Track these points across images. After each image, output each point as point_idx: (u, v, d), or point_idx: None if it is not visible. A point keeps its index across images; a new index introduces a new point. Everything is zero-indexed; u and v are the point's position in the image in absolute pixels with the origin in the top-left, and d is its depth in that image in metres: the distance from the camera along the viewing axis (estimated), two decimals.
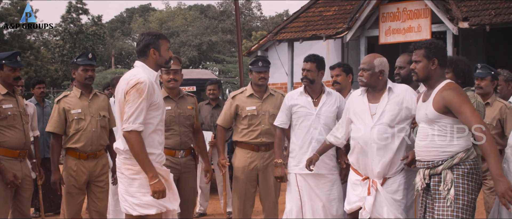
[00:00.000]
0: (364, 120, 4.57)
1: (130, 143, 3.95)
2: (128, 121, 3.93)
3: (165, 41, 4.20)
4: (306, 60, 5.25)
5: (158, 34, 4.18)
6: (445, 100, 3.89)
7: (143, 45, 4.14)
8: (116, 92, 4.17)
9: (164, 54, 4.19)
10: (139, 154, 3.94)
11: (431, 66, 4.05)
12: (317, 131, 5.18)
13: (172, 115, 5.39)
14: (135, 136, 3.93)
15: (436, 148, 3.98)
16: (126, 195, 4.11)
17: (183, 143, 5.44)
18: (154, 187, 3.93)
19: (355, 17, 12.73)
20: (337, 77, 5.58)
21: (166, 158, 5.21)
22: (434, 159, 4.01)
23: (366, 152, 4.54)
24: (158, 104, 4.11)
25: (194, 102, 5.67)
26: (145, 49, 4.14)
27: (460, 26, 11.45)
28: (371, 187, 4.53)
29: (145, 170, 3.96)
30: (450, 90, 3.91)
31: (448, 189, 3.91)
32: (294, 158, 5.28)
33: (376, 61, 4.57)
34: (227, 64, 26.64)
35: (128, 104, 3.96)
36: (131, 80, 3.98)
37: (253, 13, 46.61)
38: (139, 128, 3.94)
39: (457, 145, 3.93)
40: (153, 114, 4.09)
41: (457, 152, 3.93)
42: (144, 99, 3.95)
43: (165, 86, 5.45)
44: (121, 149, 4.10)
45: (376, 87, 4.61)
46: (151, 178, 3.94)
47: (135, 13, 51.17)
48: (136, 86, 3.94)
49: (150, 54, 4.14)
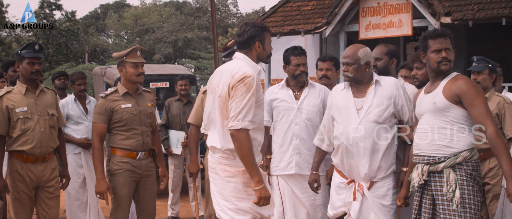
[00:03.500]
0: (349, 116, 4.12)
1: (239, 142, 3.59)
2: (237, 118, 3.58)
3: (269, 34, 3.92)
4: (299, 54, 4.82)
5: (263, 26, 3.88)
6: (460, 89, 3.59)
7: (248, 37, 3.83)
8: (210, 86, 3.87)
9: (267, 48, 3.91)
10: (246, 154, 3.59)
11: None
12: (298, 127, 4.75)
13: (133, 113, 4.92)
14: (245, 135, 3.58)
15: (439, 143, 3.64)
16: (219, 197, 3.82)
17: (145, 144, 4.98)
18: (260, 192, 3.62)
19: (335, 12, 12.41)
20: (328, 71, 5.15)
21: (126, 161, 4.81)
22: (436, 154, 3.65)
23: (352, 152, 4.09)
24: (261, 101, 3.82)
25: (152, 99, 5.20)
26: (250, 41, 3.83)
27: (443, 21, 11.20)
28: (357, 191, 4.08)
29: (251, 173, 3.63)
30: (464, 80, 3.64)
31: (453, 190, 3.57)
32: (275, 158, 4.83)
33: (360, 53, 4.12)
34: (202, 61, 26.34)
35: (235, 99, 3.62)
36: (237, 74, 3.66)
37: (229, 10, 46.38)
38: (249, 126, 3.61)
39: (461, 142, 3.60)
40: (256, 112, 3.73)
41: (461, 150, 3.60)
42: (253, 94, 3.63)
43: (128, 81, 4.96)
44: (218, 147, 3.77)
45: (362, 81, 4.17)
46: (257, 183, 3.62)
47: (110, 9, 50.42)
48: (244, 80, 3.63)
49: (255, 47, 3.84)
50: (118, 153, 4.87)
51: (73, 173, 6.26)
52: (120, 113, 4.85)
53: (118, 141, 4.88)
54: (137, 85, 5.04)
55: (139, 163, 4.92)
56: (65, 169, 5.15)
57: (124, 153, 4.86)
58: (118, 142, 4.88)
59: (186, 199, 8.33)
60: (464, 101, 3.59)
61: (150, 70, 10.08)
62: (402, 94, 4.11)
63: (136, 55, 4.92)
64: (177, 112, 7.58)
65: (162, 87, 11.01)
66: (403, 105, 4.10)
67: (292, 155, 4.75)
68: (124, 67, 4.91)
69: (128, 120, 4.84)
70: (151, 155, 5.09)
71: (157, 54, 38.42)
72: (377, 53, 4.62)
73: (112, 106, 4.85)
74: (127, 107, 4.87)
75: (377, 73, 4.36)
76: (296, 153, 4.76)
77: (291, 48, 4.86)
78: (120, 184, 4.85)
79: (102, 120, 4.85)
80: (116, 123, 4.86)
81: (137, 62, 4.89)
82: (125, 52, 4.90)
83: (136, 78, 4.91)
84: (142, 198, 4.98)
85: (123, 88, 4.95)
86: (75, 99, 6.55)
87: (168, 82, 10.18)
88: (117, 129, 4.88)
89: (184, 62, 29.30)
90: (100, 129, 4.85)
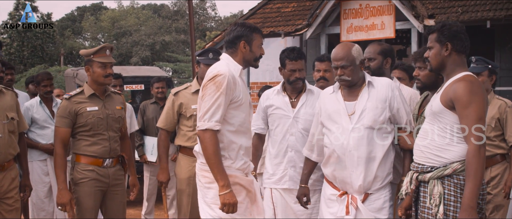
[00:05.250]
0: (340, 122, 3.74)
1: (203, 144, 3.47)
2: (203, 118, 3.47)
3: (259, 36, 3.71)
4: (295, 58, 4.36)
5: (253, 27, 3.70)
6: (454, 94, 3.17)
7: (233, 36, 3.67)
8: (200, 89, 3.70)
9: (255, 50, 3.70)
10: (210, 157, 3.45)
11: (444, 52, 3.32)
12: (294, 138, 4.35)
13: (100, 117, 4.52)
14: (210, 136, 3.44)
15: (430, 150, 3.27)
16: (203, 204, 3.67)
17: (113, 150, 4.57)
18: (224, 198, 3.42)
19: (316, 14, 12.16)
20: (326, 72, 4.68)
21: (92, 169, 4.41)
22: (425, 162, 3.29)
23: (344, 161, 3.70)
24: (240, 102, 3.60)
25: (122, 102, 4.79)
26: (235, 40, 3.66)
27: (426, 23, 10.99)
28: (350, 204, 3.69)
29: (216, 177, 3.46)
30: (463, 84, 3.18)
31: (436, 205, 3.19)
32: (268, 169, 4.44)
33: (354, 52, 3.76)
34: (179, 64, 26.02)
35: (204, 99, 3.51)
36: (210, 73, 3.56)
37: (207, 13, 46.02)
38: (215, 127, 3.45)
39: (454, 152, 3.20)
40: (233, 113, 3.56)
41: (452, 161, 3.20)
42: (222, 93, 3.46)
43: (94, 82, 4.56)
44: (199, 152, 3.62)
45: (356, 84, 3.80)
46: (221, 187, 3.44)
47: (87, 12, 49.79)
48: (214, 79, 3.49)
49: (240, 47, 3.66)
50: (83, 160, 4.47)
51: (38, 181, 5.87)
52: (85, 116, 4.46)
53: (82, 147, 4.48)
54: (106, 86, 4.64)
55: (106, 171, 4.52)
56: (26, 178, 4.69)
57: (89, 160, 4.47)
58: (82, 148, 4.48)
59: (162, 207, 7.93)
60: (456, 108, 3.19)
61: (125, 72, 9.73)
62: (398, 96, 3.75)
63: (105, 54, 4.52)
64: (153, 116, 7.24)
65: (138, 90, 10.65)
66: (400, 109, 3.74)
67: (286, 168, 4.37)
68: (91, 67, 4.52)
69: (94, 124, 4.45)
70: (120, 163, 4.69)
71: (134, 57, 38.05)
72: (370, 52, 4.26)
73: (77, 109, 4.45)
74: (93, 111, 4.48)
75: (370, 74, 4.00)
76: (290, 166, 4.37)
77: (288, 51, 4.43)
78: (84, 195, 4.44)
79: (65, 123, 4.43)
80: (81, 127, 4.46)
81: (106, 62, 4.50)
82: (93, 50, 4.50)
83: (104, 79, 4.52)
84: (110, 210, 4.58)
85: (90, 90, 4.55)
86: (40, 101, 6.10)
87: (144, 85, 9.83)
88: (81, 134, 4.48)
89: (162, 65, 28.92)
90: (63, 134, 4.43)
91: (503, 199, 4.66)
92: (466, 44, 3.36)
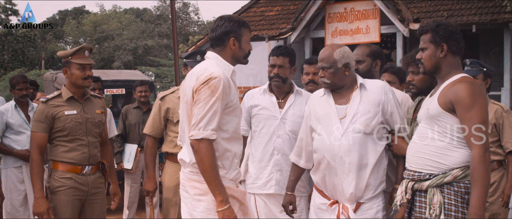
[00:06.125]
0: (331, 127, 3.55)
1: (199, 155, 3.13)
2: (198, 126, 3.12)
3: (247, 31, 3.40)
4: (277, 54, 4.19)
5: (241, 21, 3.37)
6: (454, 96, 3.01)
7: (221, 32, 3.32)
8: (182, 92, 3.38)
9: (245, 46, 3.39)
10: (208, 169, 3.12)
11: (439, 53, 3.16)
12: (281, 140, 4.14)
13: (79, 121, 4.30)
14: (206, 146, 3.11)
15: (427, 156, 3.09)
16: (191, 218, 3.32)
17: (92, 157, 4.35)
18: (223, 214, 3.12)
19: (300, 17, 12.06)
20: (315, 75, 4.44)
21: (70, 177, 4.20)
22: (422, 169, 3.11)
23: (335, 168, 3.51)
24: (234, 106, 3.30)
25: (103, 106, 4.58)
26: (223, 37, 3.32)
27: (411, 27, 10.94)
28: (341, 214, 3.50)
29: (213, 192, 3.15)
30: (464, 85, 3.02)
31: (436, 215, 3.01)
32: (251, 174, 4.23)
33: (336, 54, 3.56)
34: (162, 68, 25.77)
35: (197, 105, 3.16)
36: (202, 75, 3.18)
37: (190, 17, 45.77)
38: (212, 136, 3.13)
39: (454, 158, 3.04)
40: (227, 119, 3.26)
41: (452, 168, 3.03)
42: (218, 99, 3.14)
43: (73, 85, 4.36)
44: (186, 161, 3.30)
45: (344, 86, 3.62)
46: (220, 203, 3.13)
47: (68, 16, 49.28)
48: (208, 82, 3.14)
49: (229, 45, 3.33)
50: (60, 168, 4.25)
51: (13, 189, 5.65)
52: (63, 120, 4.25)
53: (60, 153, 4.26)
54: (85, 89, 4.42)
55: (85, 179, 4.30)
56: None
57: (67, 167, 4.25)
58: (60, 154, 4.26)
59: (144, 215, 7.75)
60: (456, 111, 3.03)
61: (105, 76, 9.51)
62: (392, 99, 3.58)
63: (83, 55, 4.32)
64: (135, 121, 7.01)
65: (120, 94, 10.41)
66: (393, 113, 3.56)
67: (272, 172, 4.16)
68: (69, 69, 4.32)
69: (72, 129, 4.24)
70: (100, 170, 4.48)
71: (117, 61, 37.72)
72: (359, 55, 4.08)
73: (54, 112, 4.24)
74: (71, 115, 4.27)
75: None
76: (276, 170, 4.16)
77: (275, 47, 4.28)
78: (61, 204, 4.22)
79: (42, 128, 4.22)
80: (58, 132, 4.25)
81: (84, 64, 4.30)
82: (71, 52, 4.31)
83: (83, 82, 4.31)
84: None
85: (68, 93, 4.34)
86: (16, 106, 5.87)
87: (125, 89, 9.59)
88: (59, 139, 4.26)
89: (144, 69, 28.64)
90: (40, 139, 4.21)
91: (501, 208, 4.52)
92: (461, 45, 3.22)
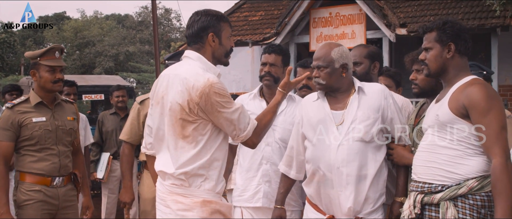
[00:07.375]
0: (327, 134, 3.24)
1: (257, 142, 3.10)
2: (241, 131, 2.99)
3: (227, 26, 3.08)
4: (269, 52, 3.94)
5: (219, 15, 3.05)
6: (468, 100, 2.75)
7: (198, 28, 3.00)
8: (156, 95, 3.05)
9: (225, 42, 3.07)
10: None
11: (446, 54, 2.91)
12: (270, 148, 3.85)
13: (48, 129, 3.97)
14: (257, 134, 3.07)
15: (439, 166, 2.81)
16: None
17: (63, 167, 4.02)
18: None
19: (284, 22, 11.85)
20: (309, 80, 4.14)
21: (38, 189, 3.86)
22: (433, 181, 2.83)
23: (331, 180, 3.19)
24: None
25: (75, 112, 4.26)
26: (201, 33, 3.00)
27: (398, 33, 10.81)
28: None
29: None
30: (477, 88, 2.76)
31: None
32: (238, 186, 3.94)
33: (334, 53, 3.27)
34: (143, 74, 25.48)
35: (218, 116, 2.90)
36: (198, 84, 2.84)
37: (172, 24, 45.59)
38: (253, 125, 3.07)
39: (469, 167, 2.77)
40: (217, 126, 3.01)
41: (467, 178, 2.75)
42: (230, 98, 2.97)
43: (42, 88, 4.03)
44: (169, 172, 2.93)
45: (340, 89, 3.32)
46: None
47: (49, 22, 48.78)
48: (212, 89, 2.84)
49: (208, 41, 3.01)
50: (28, 179, 3.90)
51: None
52: (31, 128, 3.90)
53: (28, 163, 3.91)
54: (55, 94, 4.10)
55: (55, 191, 3.97)
56: None
57: (35, 179, 3.91)
58: (27, 165, 3.91)
59: None
60: (471, 117, 2.76)
61: (84, 81, 9.24)
62: (392, 104, 3.30)
63: (53, 56, 4.00)
64: (112, 128, 6.70)
65: (99, 101, 10.11)
66: (393, 119, 3.28)
67: (260, 183, 3.86)
68: (38, 71, 3.99)
69: (40, 137, 3.90)
70: (72, 181, 4.14)
71: (98, 68, 37.42)
72: (356, 56, 3.80)
73: (21, 119, 3.90)
74: (39, 122, 3.93)
75: None
76: (265, 180, 3.86)
77: (267, 45, 4.04)
78: None
79: (7, 137, 3.87)
80: (26, 140, 3.90)
81: (55, 66, 3.98)
82: (40, 52, 3.98)
83: (52, 85, 3.99)
84: None
85: (36, 98, 4.01)
86: None
87: (103, 95, 9.30)
88: (26, 149, 3.92)
89: (126, 75, 28.29)
90: (5, 148, 3.86)
91: None
92: (469, 46, 2.97)
